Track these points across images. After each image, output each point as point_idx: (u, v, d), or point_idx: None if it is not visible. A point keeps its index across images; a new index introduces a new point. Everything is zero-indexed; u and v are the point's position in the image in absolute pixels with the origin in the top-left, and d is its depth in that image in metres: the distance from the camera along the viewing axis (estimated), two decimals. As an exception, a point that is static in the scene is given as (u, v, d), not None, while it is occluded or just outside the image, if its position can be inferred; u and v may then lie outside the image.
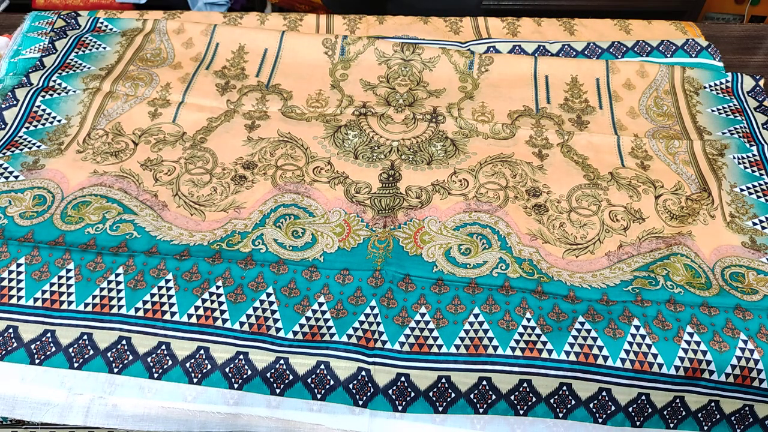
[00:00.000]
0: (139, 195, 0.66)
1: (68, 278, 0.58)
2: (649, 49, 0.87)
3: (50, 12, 0.88)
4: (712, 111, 0.79)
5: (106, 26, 0.87)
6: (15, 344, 0.55)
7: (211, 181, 0.68)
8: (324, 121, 0.75)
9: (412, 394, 0.54)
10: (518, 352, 0.55)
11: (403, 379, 0.54)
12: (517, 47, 0.87)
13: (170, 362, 0.54)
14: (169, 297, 0.57)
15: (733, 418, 0.56)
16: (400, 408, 0.54)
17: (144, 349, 0.55)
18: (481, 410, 0.54)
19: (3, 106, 0.74)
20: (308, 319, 0.57)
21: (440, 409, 0.54)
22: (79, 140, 0.71)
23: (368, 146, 0.73)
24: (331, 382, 0.54)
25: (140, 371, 0.54)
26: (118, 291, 0.57)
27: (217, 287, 0.58)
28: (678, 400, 0.55)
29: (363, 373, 0.54)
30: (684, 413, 0.55)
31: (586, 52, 0.87)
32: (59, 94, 0.76)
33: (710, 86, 0.82)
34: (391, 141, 0.73)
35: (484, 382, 0.54)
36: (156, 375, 0.54)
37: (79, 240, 0.61)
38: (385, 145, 0.73)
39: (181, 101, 0.77)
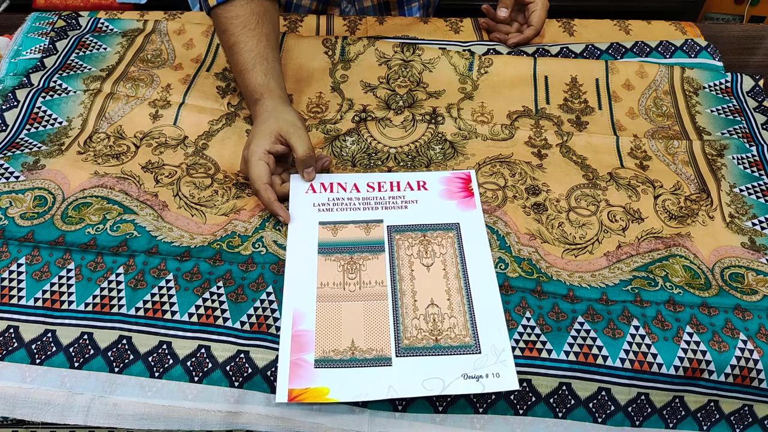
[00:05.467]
0: (140, 196, 0.66)
1: (69, 278, 0.58)
2: (648, 50, 0.87)
3: (51, 12, 0.89)
4: (712, 111, 0.79)
5: (107, 27, 0.87)
6: (15, 344, 0.55)
7: (212, 185, 0.68)
8: (323, 132, 0.75)
9: (412, 394, 0.54)
10: (518, 352, 0.55)
11: (402, 378, 0.54)
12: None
13: (171, 361, 0.54)
14: (170, 296, 0.57)
15: (732, 418, 0.56)
16: (400, 408, 0.54)
17: (145, 348, 0.55)
18: (480, 410, 0.54)
19: (3, 107, 0.74)
20: (308, 318, 0.57)
21: (440, 408, 0.54)
22: (80, 141, 0.71)
23: (366, 153, 0.73)
24: (331, 382, 0.54)
25: (141, 370, 0.54)
26: (119, 291, 0.57)
27: (218, 287, 0.58)
28: (677, 400, 0.55)
29: (363, 372, 0.54)
30: (683, 413, 0.55)
31: (585, 54, 0.87)
32: (60, 95, 0.76)
33: (710, 86, 0.82)
34: (388, 148, 0.73)
35: (484, 382, 0.54)
36: (157, 374, 0.54)
37: (80, 240, 0.61)
38: (382, 151, 0.73)
39: (181, 102, 0.77)
